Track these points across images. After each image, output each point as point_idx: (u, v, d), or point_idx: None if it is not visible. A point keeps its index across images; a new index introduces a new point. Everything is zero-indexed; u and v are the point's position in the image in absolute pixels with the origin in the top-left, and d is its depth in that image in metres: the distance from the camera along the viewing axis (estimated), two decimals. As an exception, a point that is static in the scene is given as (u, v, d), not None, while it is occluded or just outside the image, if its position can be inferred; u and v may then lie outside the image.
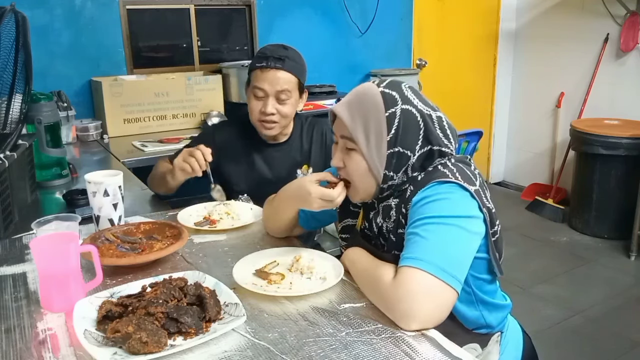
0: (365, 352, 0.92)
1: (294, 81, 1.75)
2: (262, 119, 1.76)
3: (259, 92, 1.74)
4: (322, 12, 3.73)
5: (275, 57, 1.72)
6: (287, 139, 1.88)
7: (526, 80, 4.61)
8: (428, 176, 1.13)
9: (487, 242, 1.12)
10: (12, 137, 1.59)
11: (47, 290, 1.08)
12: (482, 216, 1.09)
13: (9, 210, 1.54)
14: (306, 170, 1.87)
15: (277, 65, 1.71)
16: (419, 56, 4.26)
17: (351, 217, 1.32)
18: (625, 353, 2.53)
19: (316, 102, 3.34)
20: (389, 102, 1.13)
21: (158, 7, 3.25)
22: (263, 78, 1.72)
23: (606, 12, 3.93)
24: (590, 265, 3.41)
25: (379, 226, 1.20)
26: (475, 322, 1.19)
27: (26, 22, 1.66)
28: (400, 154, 1.12)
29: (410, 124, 1.12)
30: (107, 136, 2.83)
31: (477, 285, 1.16)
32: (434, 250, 1.02)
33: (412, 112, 1.13)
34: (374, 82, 1.18)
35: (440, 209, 1.06)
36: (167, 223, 1.41)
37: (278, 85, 1.72)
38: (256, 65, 1.75)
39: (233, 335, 0.97)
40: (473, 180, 1.11)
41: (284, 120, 1.78)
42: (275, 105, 1.74)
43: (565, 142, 4.21)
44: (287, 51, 1.75)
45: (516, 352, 1.31)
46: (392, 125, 1.12)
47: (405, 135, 1.12)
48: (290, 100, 1.75)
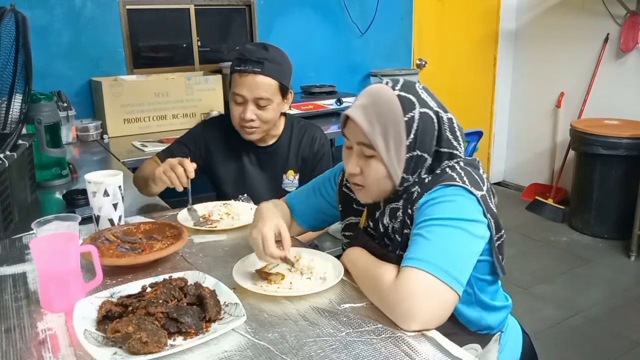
0: (365, 352, 0.92)
1: (274, 85, 1.69)
2: (242, 124, 1.73)
3: (238, 97, 1.70)
4: (322, 12, 3.73)
5: (253, 60, 1.65)
6: (275, 140, 1.85)
7: (526, 80, 4.61)
8: (435, 178, 1.12)
9: (491, 246, 1.12)
10: (12, 137, 1.59)
11: (47, 290, 1.08)
12: (487, 221, 1.08)
13: (9, 210, 1.54)
14: (292, 176, 1.85)
15: (256, 70, 1.65)
16: (419, 56, 4.26)
17: (354, 215, 1.31)
18: (625, 353, 2.53)
19: (316, 102, 3.34)
20: (407, 106, 1.10)
21: (158, 7, 3.25)
22: (241, 83, 1.68)
23: (606, 12, 3.93)
24: (590, 265, 3.41)
25: (385, 227, 1.19)
26: (476, 324, 1.19)
27: (26, 22, 1.66)
28: (418, 157, 1.11)
29: (428, 127, 1.11)
30: (107, 136, 2.83)
31: (479, 286, 1.16)
32: (436, 252, 1.01)
33: (429, 115, 1.11)
34: (387, 83, 1.15)
35: (445, 211, 1.05)
36: (167, 223, 1.41)
37: (256, 92, 1.67)
38: (235, 68, 1.70)
39: (233, 335, 0.97)
40: (480, 185, 1.11)
41: (266, 125, 1.75)
42: (255, 111, 1.70)
43: (565, 142, 4.21)
44: (268, 52, 1.68)
45: (515, 350, 1.31)
46: (411, 129, 1.10)
47: (423, 138, 1.11)
48: (271, 105, 1.71)
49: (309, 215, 1.42)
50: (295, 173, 1.86)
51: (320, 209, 1.40)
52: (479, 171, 1.16)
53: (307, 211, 1.42)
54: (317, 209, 1.41)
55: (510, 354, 1.29)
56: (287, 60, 1.74)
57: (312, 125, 1.91)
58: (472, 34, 4.51)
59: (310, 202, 1.41)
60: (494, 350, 1.22)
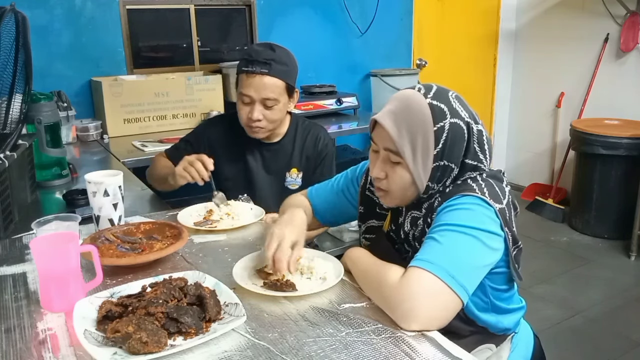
0: (365, 352, 0.92)
1: (281, 86, 1.72)
2: (249, 124, 1.75)
3: (246, 98, 1.72)
4: (322, 12, 3.73)
5: (260, 61, 1.67)
6: (280, 139, 1.87)
7: (526, 80, 4.61)
8: (456, 189, 1.12)
9: (508, 258, 1.11)
10: (12, 137, 1.59)
11: (47, 290, 1.08)
12: (504, 235, 1.07)
13: (9, 210, 1.53)
14: (295, 174, 1.86)
15: (263, 71, 1.67)
16: (419, 56, 4.26)
17: (376, 219, 1.31)
18: (625, 353, 2.53)
19: (316, 102, 3.34)
20: (438, 115, 1.09)
21: (158, 7, 3.25)
22: (249, 84, 1.69)
23: (606, 12, 3.93)
24: (590, 265, 3.41)
25: (406, 233, 1.19)
26: (494, 327, 1.19)
27: (26, 22, 1.66)
28: (445, 167, 1.11)
29: (457, 138, 1.10)
30: (107, 136, 2.83)
31: (495, 295, 1.16)
32: (446, 256, 1.01)
33: (460, 125, 1.10)
34: (419, 90, 1.12)
35: (460, 218, 1.05)
36: (167, 223, 1.41)
37: (264, 93, 1.69)
38: (242, 69, 1.71)
39: (233, 335, 0.97)
40: (500, 198, 1.09)
41: (272, 125, 1.77)
42: (262, 112, 1.72)
43: (565, 142, 4.21)
44: (275, 53, 1.70)
45: (526, 351, 1.31)
46: (439, 139, 1.09)
47: (452, 148, 1.10)
48: (278, 105, 1.73)
49: (329, 212, 1.45)
50: (298, 171, 1.87)
51: (341, 208, 1.42)
52: (502, 184, 1.14)
53: (328, 208, 1.44)
54: (338, 208, 1.43)
55: (522, 354, 1.29)
56: (293, 60, 1.76)
57: (316, 125, 1.93)
58: (472, 34, 4.51)
59: (332, 200, 1.43)
60: (506, 349, 1.23)
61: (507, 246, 1.09)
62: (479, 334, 1.17)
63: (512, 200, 1.14)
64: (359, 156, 3.42)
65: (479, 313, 1.15)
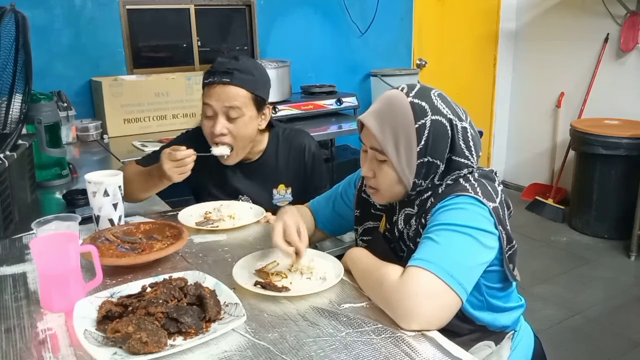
0: (365, 352, 0.92)
1: (246, 96, 1.57)
2: (214, 140, 1.60)
3: (208, 109, 1.58)
4: (322, 12, 3.73)
5: (221, 71, 1.56)
6: (259, 156, 1.73)
7: (526, 80, 4.61)
8: (449, 189, 1.14)
9: (502, 256, 1.12)
10: (12, 137, 1.59)
11: (47, 290, 1.08)
12: (497, 234, 1.09)
13: (9, 210, 1.54)
14: (283, 190, 1.76)
15: (224, 80, 1.55)
16: (419, 56, 4.26)
17: (372, 220, 1.33)
18: (625, 353, 2.53)
19: (316, 102, 3.34)
20: (419, 113, 1.11)
21: (158, 7, 3.25)
22: (210, 94, 1.57)
23: (606, 12, 3.93)
24: (590, 265, 3.41)
25: (400, 231, 1.21)
26: (491, 325, 1.20)
27: (26, 22, 1.66)
28: (429, 163, 1.13)
29: (440, 134, 1.12)
30: (107, 136, 2.83)
31: (489, 294, 1.17)
32: (443, 255, 1.02)
33: (442, 122, 1.12)
34: (403, 89, 1.15)
35: (456, 218, 1.06)
36: (167, 223, 1.41)
37: (226, 101, 1.55)
38: (204, 81, 1.60)
39: (233, 335, 0.97)
40: (493, 197, 1.11)
41: (239, 142, 1.61)
42: (226, 125, 1.57)
43: (565, 142, 4.21)
44: (238, 62, 1.58)
45: (527, 351, 1.32)
46: (422, 136, 1.11)
47: (435, 145, 1.12)
48: (243, 118, 1.58)
49: (330, 220, 1.46)
50: (286, 187, 1.76)
51: (341, 213, 1.43)
52: (494, 183, 1.16)
53: (329, 216, 1.45)
54: (339, 214, 1.44)
55: (522, 354, 1.30)
56: (262, 72, 1.64)
57: (299, 133, 1.80)
58: (472, 34, 4.51)
59: (331, 207, 1.45)
60: (507, 348, 1.23)
61: (501, 245, 1.10)
62: (477, 332, 1.18)
63: (505, 199, 1.16)
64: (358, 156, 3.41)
65: (474, 311, 1.15)
